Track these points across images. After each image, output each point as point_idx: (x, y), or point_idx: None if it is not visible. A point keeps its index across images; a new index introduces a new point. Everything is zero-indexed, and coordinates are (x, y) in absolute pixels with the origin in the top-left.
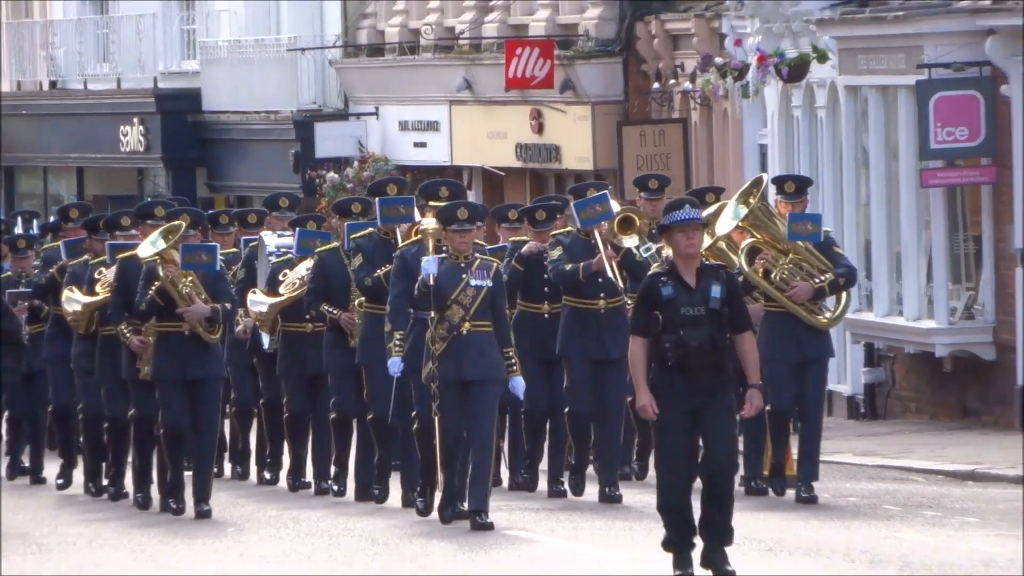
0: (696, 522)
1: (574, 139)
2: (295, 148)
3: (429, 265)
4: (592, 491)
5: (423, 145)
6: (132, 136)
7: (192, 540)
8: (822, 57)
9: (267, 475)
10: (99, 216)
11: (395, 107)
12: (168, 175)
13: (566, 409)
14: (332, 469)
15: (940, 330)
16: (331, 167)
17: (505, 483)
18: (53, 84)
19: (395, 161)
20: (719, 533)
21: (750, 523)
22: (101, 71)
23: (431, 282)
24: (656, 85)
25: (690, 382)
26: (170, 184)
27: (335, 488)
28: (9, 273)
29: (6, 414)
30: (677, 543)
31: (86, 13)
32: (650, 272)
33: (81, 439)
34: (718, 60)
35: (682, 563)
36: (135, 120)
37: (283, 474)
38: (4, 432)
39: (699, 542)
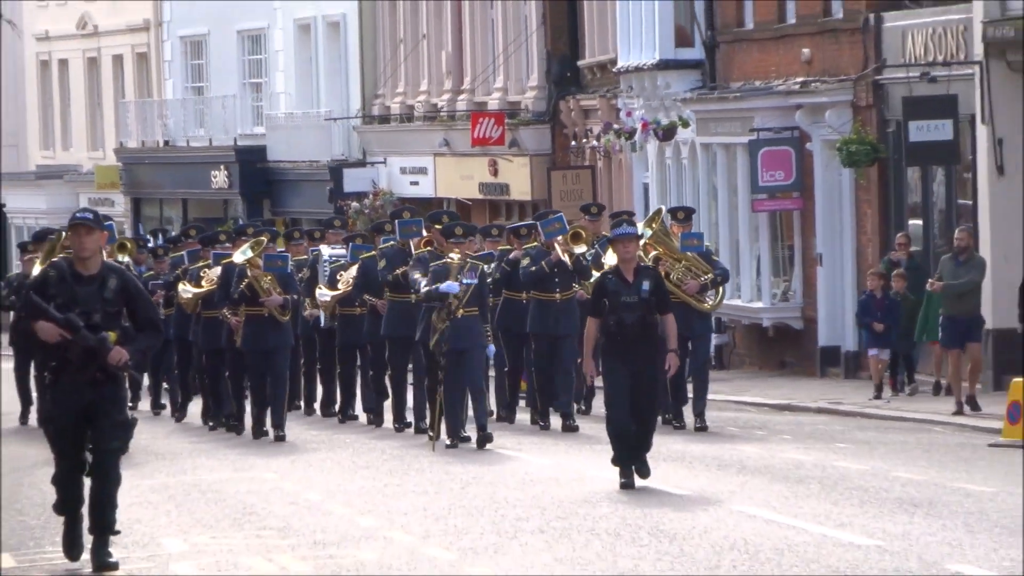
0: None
1: (518, 180)
2: (329, 186)
3: (452, 287)
4: (555, 423)
5: (416, 183)
6: (219, 178)
7: (261, 452)
8: (685, 124)
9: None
10: (210, 235)
11: (397, 158)
12: (243, 204)
13: (533, 368)
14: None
15: (765, 309)
16: (354, 198)
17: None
18: (166, 142)
19: (397, 194)
20: (639, 453)
21: None
22: (198, 133)
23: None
24: (573, 143)
25: (628, 348)
26: (245, 211)
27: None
28: (152, 271)
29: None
30: (622, 459)
31: (188, 94)
32: (602, 272)
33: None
34: (615, 126)
35: (625, 475)
36: (221, 167)
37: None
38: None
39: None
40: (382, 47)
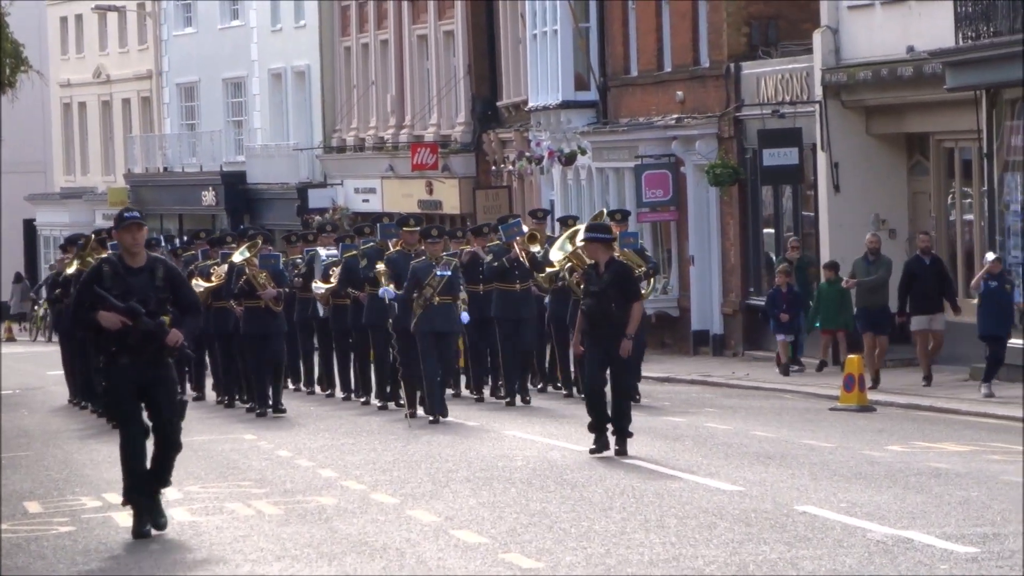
0: (609, 417)
1: (450, 197)
2: (297, 203)
3: (387, 292)
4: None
5: (367, 201)
6: (208, 197)
7: (242, 419)
8: (583, 152)
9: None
10: (218, 237)
11: (352, 180)
12: (228, 218)
13: (499, 350)
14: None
15: (649, 300)
16: (317, 213)
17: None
18: (165, 168)
19: (352, 209)
20: (622, 428)
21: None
22: (191, 161)
23: (387, 301)
24: (493, 168)
25: (595, 329)
26: (229, 224)
27: (361, 398)
28: None
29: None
30: (596, 427)
31: (183, 130)
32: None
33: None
34: (527, 154)
35: (599, 442)
36: (210, 188)
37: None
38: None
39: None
40: (339, 91)
